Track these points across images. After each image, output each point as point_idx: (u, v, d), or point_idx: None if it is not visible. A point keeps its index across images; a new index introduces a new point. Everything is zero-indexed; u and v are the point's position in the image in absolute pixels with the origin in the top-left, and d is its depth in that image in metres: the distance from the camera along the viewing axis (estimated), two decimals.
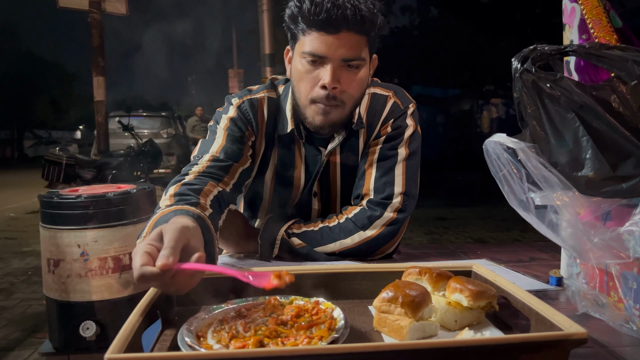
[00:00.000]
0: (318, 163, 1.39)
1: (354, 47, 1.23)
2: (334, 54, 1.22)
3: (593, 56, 0.90)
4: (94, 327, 1.31)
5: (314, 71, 1.25)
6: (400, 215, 1.33)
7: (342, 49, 1.22)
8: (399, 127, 1.39)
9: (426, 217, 7.33)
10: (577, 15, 1.01)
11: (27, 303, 3.83)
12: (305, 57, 1.25)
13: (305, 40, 1.25)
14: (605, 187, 0.85)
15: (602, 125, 0.84)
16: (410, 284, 0.82)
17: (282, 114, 1.39)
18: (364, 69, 1.29)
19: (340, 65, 1.24)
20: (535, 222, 0.94)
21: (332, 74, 1.22)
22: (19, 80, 27.83)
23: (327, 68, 1.23)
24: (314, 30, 1.22)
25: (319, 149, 1.39)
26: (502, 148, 0.96)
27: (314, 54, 1.23)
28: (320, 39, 1.22)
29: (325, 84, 1.23)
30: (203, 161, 1.26)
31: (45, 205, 1.34)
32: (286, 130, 1.36)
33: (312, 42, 1.23)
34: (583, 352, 0.76)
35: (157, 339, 0.79)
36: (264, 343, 0.70)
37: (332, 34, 1.21)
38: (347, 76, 1.26)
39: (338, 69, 1.24)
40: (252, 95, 1.40)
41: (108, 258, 1.30)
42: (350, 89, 1.27)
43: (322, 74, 1.24)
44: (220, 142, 1.31)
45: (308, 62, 1.25)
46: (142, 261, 0.74)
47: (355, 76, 1.27)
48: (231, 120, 1.35)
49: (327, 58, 1.23)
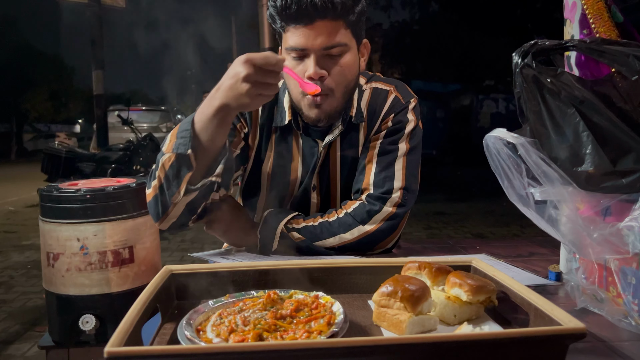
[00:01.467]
0: (315, 155, 1.40)
1: (331, 34, 1.24)
2: (313, 44, 1.24)
3: (594, 51, 0.90)
4: (94, 320, 1.32)
5: (299, 65, 1.27)
6: (399, 210, 1.33)
7: (319, 38, 1.23)
8: (399, 121, 1.39)
9: (425, 212, 7.34)
10: (578, 10, 1.00)
11: (27, 297, 3.84)
12: (289, 53, 1.27)
13: (286, 37, 1.27)
14: (605, 183, 0.85)
15: (603, 121, 0.84)
16: (410, 279, 0.82)
17: (280, 106, 1.39)
18: (348, 55, 1.29)
19: (322, 54, 1.25)
20: (535, 217, 0.94)
21: (314, 64, 1.24)
22: (17, 73, 27.73)
23: (310, 60, 1.25)
24: (290, 24, 1.25)
25: (316, 141, 1.40)
26: (502, 143, 0.95)
27: (295, 47, 1.25)
28: (297, 32, 1.24)
29: (311, 75, 1.24)
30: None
31: (45, 199, 1.34)
32: (284, 122, 1.37)
33: (292, 37, 1.25)
34: (582, 347, 0.77)
35: (156, 333, 0.79)
36: (263, 337, 0.70)
37: (307, 25, 1.23)
38: (332, 64, 1.27)
39: (321, 58, 1.25)
40: None
41: (108, 252, 1.30)
42: (336, 76, 1.28)
43: (306, 65, 1.25)
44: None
45: (293, 58, 1.27)
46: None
47: (340, 62, 1.28)
48: None
49: (308, 49, 1.24)
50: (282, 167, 1.42)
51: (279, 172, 1.42)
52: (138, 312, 0.70)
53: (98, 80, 7.30)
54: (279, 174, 1.42)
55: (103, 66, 7.44)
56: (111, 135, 8.18)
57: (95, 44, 7.25)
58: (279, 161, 1.42)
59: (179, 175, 1.15)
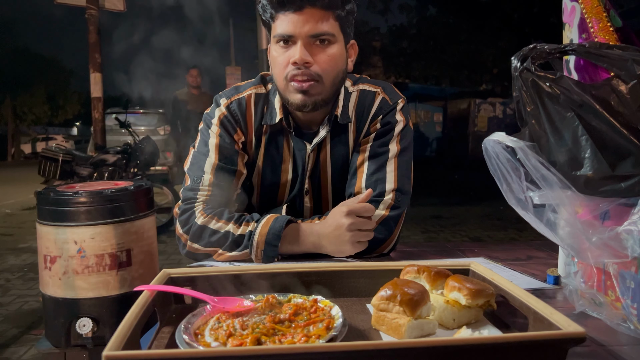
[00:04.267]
0: (304, 158, 1.40)
1: (319, 23, 1.26)
2: (301, 31, 1.26)
3: (593, 55, 0.90)
4: (91, 323, 1.31)
5: (286, 52, 1.29)
6: (393, 212, 1.33)
7: (307, 25, 1.25)
8: (388, 123, 1.39)
9: (422, 216, 7.33)
10: (577, 14, 1.01)
11: (23, 300, 3.82)
12: (277, 41, 1.29)
13: (275, 25, 1.29)
14: (604, 186, 0.85)
15: (602, 125, 0.84)
16: (409, 282, 0.82)
17: (271, 106, 1.40)
18: (336, 46, 1.31)
19: (309, 42, 1.27)
20: (534, 220, 0.94)
21: (300, 49, 1.26)
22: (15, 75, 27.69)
23: (296, 46, 1.27)
24: (280, 12, 1.27)
25: (305, 143, 1.40)
26: (501, 147, 0.96)
27: (282, 34, 1.27)
28: (286, 19, 1.26)
29: (296, 60, 1.26)
30: (204, 187, 1.33)
31: (42, 202, 1.34)
32: (274, 120, 1.37)
33: (281, 24, 1.27)
34: (581, 351, 0.76)
35: (154, 337, 0.79)
36: (261, 341, 0.70)
37: (296, 12, 1.25)
38: (319, 52, 1.28)
39: (307, 45, 1.27)
40: (239, 94, 1.41)
41: (105, 255, 1.30)
42: (323, 64, 1.29)
43: (293, 52, 1.27)
44: (212, 161, 1.35)
45: (280, 46, 1.29)
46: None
47: (327, 51, 1.29)
48: (221, 124, 1.38)
49: (295, 36, 1.26)
50: (273, 168, 1.42)
51: (270, 172, 1.43)
52: (136, 316, 0.70)
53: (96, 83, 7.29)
54: (270, 174, 1.43)
55: (101, 69, 7.43)
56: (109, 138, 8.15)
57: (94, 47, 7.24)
58: (269, 161, 1.42)
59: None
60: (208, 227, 1.27)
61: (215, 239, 1.26)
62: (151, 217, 1.47)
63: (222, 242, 1.26)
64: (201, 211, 1.30)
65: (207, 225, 1.27)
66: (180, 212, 1.33)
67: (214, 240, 1.26)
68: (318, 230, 1.24)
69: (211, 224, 1.28)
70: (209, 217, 1.29)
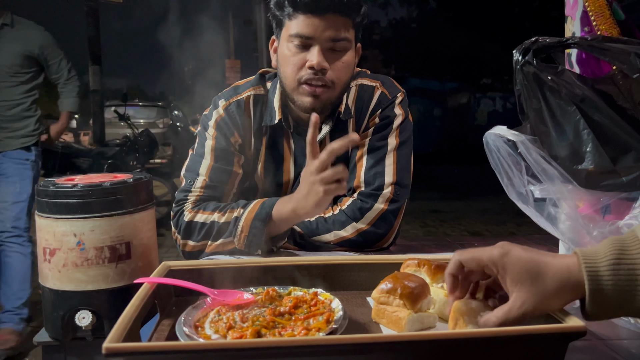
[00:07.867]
0: (305, 156, 1.39)
1: (340, 29, 1.25)
2: (321, 35, 1.23)
3: (595, 49, 0.89)
4: (90, 316, 1.31)
5: (301, 54, 1.26)
6: (392, 205, 1.33)
7: (328, 30, 1.23)
8: (387, 117, 1.38)
9: (421, 210, 7.34)
10: (579, 8, 1.00)
11: None
12: (292, 40, 1.26)
13: (291, 24, 1.26)
14: (605, 181, 0.85)
15: (603, 119, 0.84)
16: (409, 276, 0.82)
17: (270, 106, 1.39)
18: (350, 53, 1.30)
19: (326, 47, 1.25)
20: (534, 214, 0.94)
21: (318, 54, 1.24)
22: None
23: (314, 49, 1.24)
24: (300, 12, 1.24)
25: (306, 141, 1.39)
26: (502, 140, 0.95)
27: (301, 35, 1.24)
28: (306, 21, 1.23)
29: (313, 65, 1.24)
30: (196, 189, 1.34)
31: (41, 194, 1.33)
32: (274, 121, 1.36)
33: (299, 24, 1.24)
34: (581, 345, 0.77)
35: (154, 329, 0.79)
36: (261, 334, 0.70)
37: (318, 16, 1.23)
38: (334, 58, 1.27)
39: (325, 50, 1.25)
40: (238, 95, 1.40)
41: (104, 247, 1.30)
42: (338, 71, 1.28)
43: (309, 55, 1.25)
44: (208, 163, 1.35)
45: (295, 46, 1.26)
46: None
47: (342, 59, 1.28)
48: (217, 127, 1.37)
49: (314, 39, 1.24)
50: (275, 168, 1.42)
51: (271, 172, 1.42)
52: (136, 308, 0.70)
53: (95, 75, 7.27)
54: (271, 174, 1.42)
55: (100, 61, 7.41)
56: (108, 130, 8.14)
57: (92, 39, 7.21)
58: (270, 161, 1.41)
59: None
60: (195, 221, 1.28)
61: (204, 232, 1.26)
62: (151, 209, 1.47)
63: (209, 233, 1.26)
64: (189, 209, 1.31)
65: (193, 220, 1.28)
66: (172, 215, 1.34)
67: (203, 233, 1.26)
68: (293, 195, 1.23)
69: (197, 217, 1.28)
70: (194, 211, 1.29)
